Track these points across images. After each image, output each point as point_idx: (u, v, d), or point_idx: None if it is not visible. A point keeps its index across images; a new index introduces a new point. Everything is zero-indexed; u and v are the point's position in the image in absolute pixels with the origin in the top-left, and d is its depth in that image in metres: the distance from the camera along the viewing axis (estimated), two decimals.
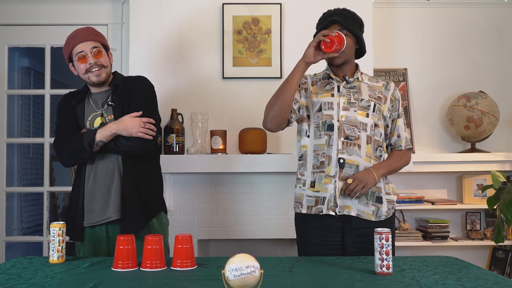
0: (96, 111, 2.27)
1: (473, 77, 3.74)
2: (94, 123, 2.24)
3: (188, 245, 1.79)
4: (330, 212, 2.13)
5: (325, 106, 2.20)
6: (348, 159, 2.14)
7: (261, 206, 3.22)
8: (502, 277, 1.64)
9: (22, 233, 4.40)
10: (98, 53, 2.22)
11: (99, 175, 2.21)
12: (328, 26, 2.20)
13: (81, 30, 2.25)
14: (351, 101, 2.19)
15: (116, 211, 2.18)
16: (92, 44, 2.22)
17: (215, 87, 3.33)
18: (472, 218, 3.66)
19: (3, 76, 3.62)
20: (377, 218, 2.16)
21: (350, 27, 2.18)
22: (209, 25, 3.34)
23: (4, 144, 3.63)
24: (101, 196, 2.19)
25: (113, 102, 2.23)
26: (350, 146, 2.15)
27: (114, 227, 2.19)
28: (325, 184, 2.15)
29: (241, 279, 1.35)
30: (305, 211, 2.21)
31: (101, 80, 2.24)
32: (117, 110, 2.22)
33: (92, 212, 2.20)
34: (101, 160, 2.21)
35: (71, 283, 1.59)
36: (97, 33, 2.27)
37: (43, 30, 3.60)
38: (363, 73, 2.30)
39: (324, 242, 2.18)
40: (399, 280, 1.59)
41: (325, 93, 2.23)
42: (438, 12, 3.76)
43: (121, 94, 2.26)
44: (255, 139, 3.13)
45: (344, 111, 2.18)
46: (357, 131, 2.16)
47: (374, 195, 2.17)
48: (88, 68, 2.21)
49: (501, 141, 3.70)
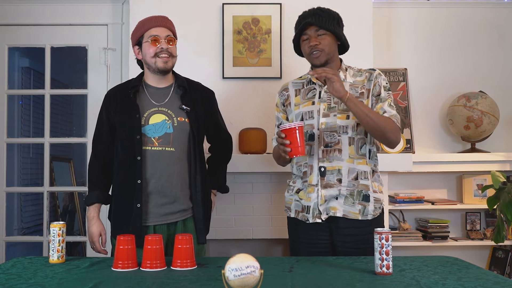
0: (154, 107, 2.23)
1: (473, 77, 3.74)
2: (150, 120, 2.21)
3: (188, 245, 1.79)
4: (316, 220, 2.16)
5: (306, 116, 2.21)
6: (329, 166, 2.15)
7: (261, 206, 3.22)
8: (502, 277, 1.64)
9: (22, 233, 4.41)
10: (171, 41, 2.23)
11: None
12: (305, 29, 2.19)
13: (158, 16, 2.28)
14: (331, 106, 2.18)
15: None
16: (168, 32, 2.24)
17: (215, 87, 3.31)
18: (472, 218, 3.66)
19: (3, 76, 3.62)
20: (363, 217, 2.15)
21: (326, 26, 2.15)
22: (209, 25, 3.34)
23: (4, 144, 3.63)
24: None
25: (186, 106, 2.25)
26: (330, 153, 2.15)
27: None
28: (308, 193, 2.19)
29: (241, 279, 1.35)
30: (294, 215, 2.27)
31: (167, 68, 2.23)
32: (192, 115, 2.25)
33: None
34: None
35: (71, 283, 1.59)
36: (172, 24, 2.30)
37: (43, 30, 3.60)
38: (348, 69, 2.26)
39: (313, 241, 2.20)
40: (399, 280, 1.59)
41: (306, 102, 2.24)
42: (438, 12, 3.76)
43: (192, 99, 2.29)
44: (255, 139, 3.13)
45: (324, 118, 2.17)
46: (337, 136, 2.16)
47: (361, 193, 2.15)
48: (158, 52, 2.20)
49: (501, 141, 3.70)
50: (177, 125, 2.22)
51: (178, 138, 2.21)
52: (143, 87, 2.29)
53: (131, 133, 2.18)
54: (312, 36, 2.17)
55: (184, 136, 2.23)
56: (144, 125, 2.19)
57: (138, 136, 2.17)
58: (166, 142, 2.19)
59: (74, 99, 5.62)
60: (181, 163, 2.22)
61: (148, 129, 2.19)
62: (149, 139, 2.19)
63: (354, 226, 2.14)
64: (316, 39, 2.16)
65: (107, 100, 2.32)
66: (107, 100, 2.32)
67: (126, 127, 2.21)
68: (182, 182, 2.23)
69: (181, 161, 2.22)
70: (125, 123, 2.21)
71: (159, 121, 2.21)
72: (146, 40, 2.23)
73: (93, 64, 3.59)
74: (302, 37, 2.22)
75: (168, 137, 2.20)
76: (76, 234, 4.65)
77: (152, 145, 2.19)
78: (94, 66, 3.59)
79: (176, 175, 2.21)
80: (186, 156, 2.24)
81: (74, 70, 4.51)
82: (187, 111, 2.24)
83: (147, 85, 2.29)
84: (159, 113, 2.22)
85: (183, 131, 2.23)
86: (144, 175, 2.17)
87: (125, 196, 2.19)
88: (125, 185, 2.20)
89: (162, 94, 2.27)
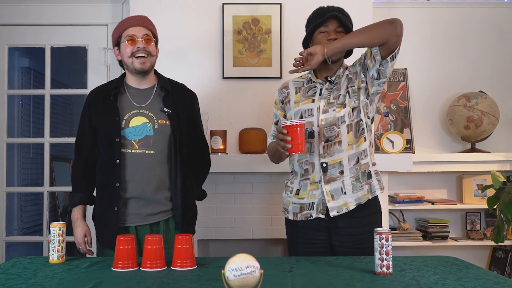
0: (134, 109, 2.19)
1: (473, 77, 3.74)
2: (130, 123, 2.17)
3: (188, 245, 1.79)
4: (320, 216, 2.16)
5: (306, 114, 2.21)
6: (330, 161, 2.16)
7: (261, 206, 3.23)
8: (502, 277, 1.64)
9: (22, 233, 4.41)
10: (148, 40, 2.19)
11: None
12: (326, 21, 2.19)
13: (136, 16, 2.24)
14: (330, 101, 2.19)
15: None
16: (145, 31, 2.19)
17: (215, 87, 3.33)
18: (472, 218, 3.66)
19: (3, 76, 3.62)
20: (372, 194, 2.17)
21: (346, 24, 2.19)
22: (209, 25, 3.34)
23: (4, 144, 3.63)
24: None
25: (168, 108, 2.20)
26: (330, 147, 2.16)
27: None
28: (311, 191, 2.19)
29: (241, 279, 1.35)
30: (291, 218, 2.26)
31: (144, 69, 2.18)
32: (173, 118, 2.19)
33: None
34: None
35: (71, 283, 1.59)
36: (151, 23, 2.26)
37: (43, 30, 3.60)
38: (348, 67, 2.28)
39: (311, 241, 2.20)
40: (399, 280, 1.59)
41: (306, 100, 2.24)
42: (438, 12, 3.76)
43: (174, 101, 2.23)
44: (255, 139, 3.13)
45: (324, 114, 2.17)
46: (336, 128, 2.16)
47: (364, 173, 2.17)
48: (135, 52, 2.16)
49: (501, 141, 3.70)
50: (158, 128, 2.18)
51: (158, 141, 2.17)
52: (124, 88, 2.25)
53: (110, 136, 2.14)
54: (332, 30, 2.19)
55: (164, 139, 2.19)
56: (124, 127, 2.15)
57: (118, 139, 2.13)
58: (146, 145, 2.16)
59: (74, 99, 5.62)
60: (161, 166, 2.18)
61: (128, 132, 2.16)
62: (129, 142, 2.15)
63: (352, 226, 2.15)
64: (335, 34, 2.18)
65: (89, 101, 2.30)
66: (89, 100, 2.29)
67: (106, 129, 2.18)
68: (162, 185, 2.19)
69: (161, 164, 2.18)
70: (105, 126, 2.18)
71: (140, 124, 2.17)
72: (123, 40, 2.19)
73: (93, 64, 3.59)
74: (320, 29, 2.20)
75: (148, 140, 2.16)
76: None
77: (132, 147, 2.15)
78: (94, 66, 3.59)
79: (156, 178, 2.17)
80: (166, 159, 2.19)
81: (74, 70, 4.51)
82: (168, 113, 2.19)
83: (128, 86, 2.25)
84: (140, 115, 2.18)
85: (164, 133, 2.19)
86: (123, 177, 2.14)
87: (105, 198, 2.18)
88: (105, 188, 2.18)
89: (144, 96, 2.23)
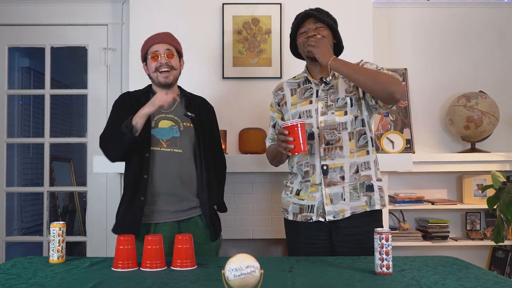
0: (161, 113, 2.32)
1: (473, 77, 3.74)
2: (159, 124, 2.30)
3: (188, 245, 1.79)
4: (319, 219, 2.16)
5: (304, 115, 2.20)
6: (331, 164, 2.15)
7: (261, 206, 3.22)
8: (502, 277, 1.64)
9: (22, 233, 4.41)
10: (171, 54, 2.34)
11: None
12: (303, 21, 2.21)
13: (160, 33, 2.39)
14: (328, 104, 2.18)
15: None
16: (167, 46, 2.35)
17: (215, 87, 3.33)
18: (472, 218, 3.66)
19: (3, 76, 3.62)
20: (371, 207, 2.16)
21: (324, 19, 2.19)
22: (209, 25, 3.34)
23: (4, 144, 3.63)
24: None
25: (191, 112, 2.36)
26: (332, 150, 2.15)
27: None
28: (311, 193, 2.18)
29: (241, 279, 1.35)
30: (291, 218, 2.25)
31: (168, 82, 2.34)
32: (196, 121, 2.36)
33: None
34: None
35: (71, 283, 1.59)
36: (174, 39, 2.41)
37: (43, 30, 3.60)
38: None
39: (312, 241, 2.19)
40: (399, 280, 1.59)
41: (303, 102, 2.23)
42: (438, 12, 3.76)
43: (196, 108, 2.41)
44: (255, 139, 3.13)
45: (323, 116, 2.17)
46: (337, 133, 2.16)
47: (363, 185, 2.16)
48: (158, 67, 2.32)
49: (501, 141, 3.70)
50: (184, 129, 2.33)
51: (184, 141, 2.31)
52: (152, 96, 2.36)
53: (141, 131, 2.22)
54: (310, 28, 2.20)
55: (190, 139, 2.33)
56: (154, 127, 2.29)
57: (148, 135, 2.25)
58: (173, 144, 2.29)
59: (74, 99, 5.62)
60: (189, 163, 2.31)
61: (157, 132, 2.29)
62: (157, 141, 2.28)
63: (353, 226, 2.14)
64: (314, 31, 2.19)
65: (122, 100, 2.40)
66: (122, 100, 2.41)
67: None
68: (189, 182, 2.30)
69: (188, 162, 2.31)
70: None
71: (167, 127, 2.31)
72: (148, 56, 2.36)
73: (93, 64, 3.59)
74: (300, 30, 2.23)
75: (175, 140, 2.30)
76: (76, 234, 4.65)
77: (160, 146, 2.27)
78: (94, 66, 3.59)
79: (184, 175, 2.28)
80: (193, 158, 2.33)
81: (74, 70, 4.51)
82: (191, 117, 2.36)
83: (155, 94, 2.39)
84: (167, 119, 2.33)
85: (189, 135, 2.33)
86: (151, 172, 2.24)
87: (132, 192, 2.24)
88: (133, 182, 2.25)
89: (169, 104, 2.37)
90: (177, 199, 2.27)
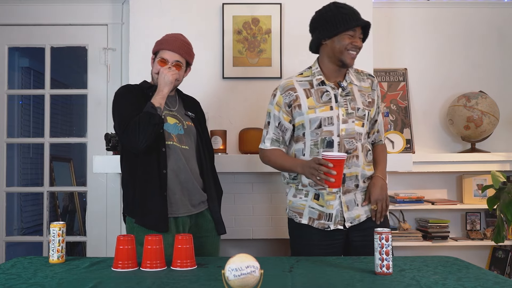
0: (166, 110, 2.35)
1: (473, 77, 3.74)
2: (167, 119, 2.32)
3: (188, 245, 1.79)
4: (338, 227, 2.16)
5: (325, 122, 2.14)
6: (348, 173, 2.15)
7: (261, 206, 3.22)
8: (502, 277, 1.64)
9: (22, 233, 4.41)
10: (178, 67, 2.35)
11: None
12: (356, 26, 2.13)
13: (177, 40, 2.37)
14: (349, 112, 2.16)
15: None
16: (177, 58, 2.35)
17: (215, 87, 3.33)
18: (472, 218, 3.66)
19: (3, 76, 3.62)
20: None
21: (367, 35, 2.20)
22: (209, 25, 3.34)
23: (4, 144, 3.63)
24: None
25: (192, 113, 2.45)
26: (349, 159, 2.15)
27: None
28: (328, 201, 2.16)
29: (241, 279, 1.35)
30: (306, 222, 2.19)
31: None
32: (195, 120, 2.45)
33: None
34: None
35: (71, 283, 1.59)
36: (187, 50, 2.39)
37: (43, 30, 3.60)
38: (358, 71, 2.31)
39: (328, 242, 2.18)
40: (399, 280, 1.59)
41: (323, 107, 2.16)
42: (438, 12, 3.76)
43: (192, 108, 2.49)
44: (255, 139, 3.12)
45: (344, 124, 2.15)
46: (355, 142, 2.16)
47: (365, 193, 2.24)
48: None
49: (501, 141, 3.70)
50: (187, 128, 2.39)
51: (189, 139, 2.37)
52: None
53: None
54: (357, 36, 2.15)
55: (193, 137, 2.40)
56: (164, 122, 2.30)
57: (162, 130, 2.27)
58: (180, 141, 2.34)
59: (74, 99, 5.61)
60: (195, 160, 2.38)
61: (167, 126, 2.31)
62: (169, 135, 2.31)
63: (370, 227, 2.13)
64: (360, 42, 2.17)
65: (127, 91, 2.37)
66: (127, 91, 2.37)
67: None
68: (198, 178, 2.37)
69: (194, 158, 2.38)
70: None
71: (172, 123, 2.34)
72: (157, 57, 2.37)
73: (93, 64, 3.59)
74: (349, 32, 2.12)
75: (181, 137, 2.35)
76: (76, 234, 4.64)
77: (172, 140, 2.31)
78: (94, 66, 3.59)
79: (193, 170, 2.35)
80: (197, 154, 2.40)
81: (74, 70, 4.50)
82: (192, 117, 2.43)
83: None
84: (172, 116, 2.36)
85: (191, 133, 2.40)
86: (169, 167, 2.27)
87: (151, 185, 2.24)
88: (151, 175, 2.25)
89: (171, 101, 2.42)
90: (191, 194, 2.33)
